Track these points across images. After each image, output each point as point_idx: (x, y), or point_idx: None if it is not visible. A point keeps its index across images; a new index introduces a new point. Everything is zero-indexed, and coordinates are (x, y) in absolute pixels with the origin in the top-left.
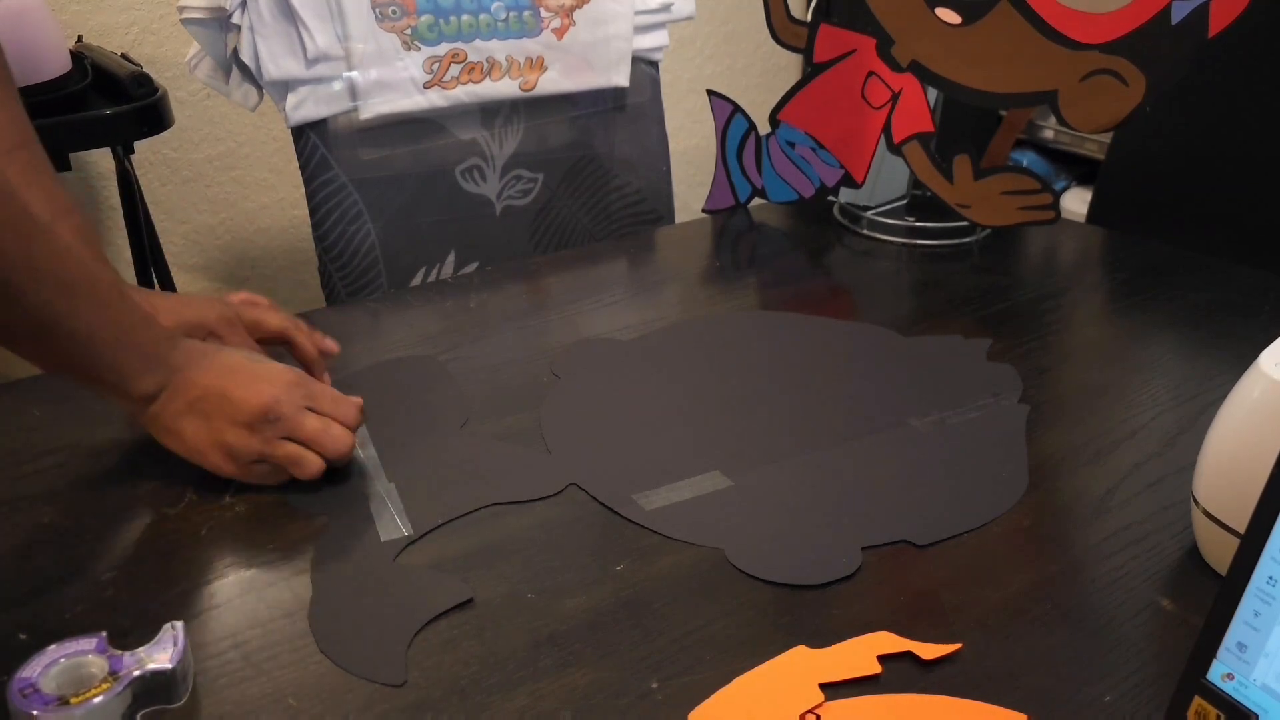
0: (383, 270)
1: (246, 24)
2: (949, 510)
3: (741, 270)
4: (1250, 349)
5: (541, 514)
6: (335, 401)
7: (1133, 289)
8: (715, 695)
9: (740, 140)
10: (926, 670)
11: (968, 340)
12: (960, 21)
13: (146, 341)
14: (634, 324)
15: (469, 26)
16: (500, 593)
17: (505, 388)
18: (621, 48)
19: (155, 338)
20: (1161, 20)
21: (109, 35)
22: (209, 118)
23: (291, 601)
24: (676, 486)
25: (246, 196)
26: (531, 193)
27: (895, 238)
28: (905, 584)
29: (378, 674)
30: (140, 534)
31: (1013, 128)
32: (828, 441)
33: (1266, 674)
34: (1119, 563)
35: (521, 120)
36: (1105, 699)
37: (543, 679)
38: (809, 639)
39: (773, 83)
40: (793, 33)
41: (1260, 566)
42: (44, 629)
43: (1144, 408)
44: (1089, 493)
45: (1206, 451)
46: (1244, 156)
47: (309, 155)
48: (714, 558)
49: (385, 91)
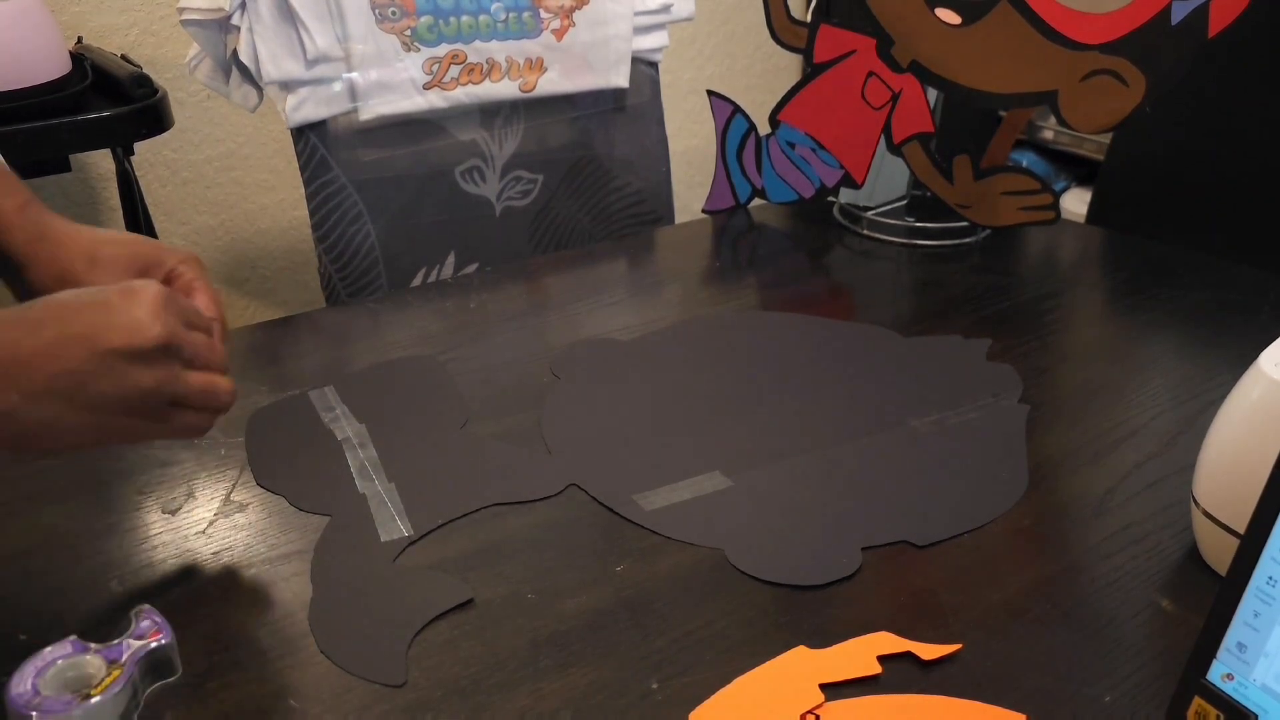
0: (383, 271)
1: (246, 25)
2: (949, 510)
3: (741, 270)
4: (1250, 349)
5: (541, 514)
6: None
7: (1133, 289)
8: (715, 695)
9: (740, 140)
10: (926, 670)
11: (968, 340)
12: (960, 22)
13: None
14: (634, 324)
15: (469, 27)
16: (500, 593)
17: (505, 388)
18: (621, 48)
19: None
20: (1161, 20)
21: (109, 36)
22: (209, 119)
23: (291, 601)
24: (676, 486)
25: (246, 197)
26: (531, 193)
27: (895, 238)
28: (905, 584)
29: (378, 674)
30: (140, 534)
31: (1013, 128)
32: (828, 441)
33: (1266, 674)
34: (1119, 563)
35: (521, 121)
36: (1105, 699)
37: (543, 679)
38: (809, 639)
39: (773, 83)
40: (793, 33)
41: (1260, 566)
42: (44, 629)
43: (1144, 408)
44: (1089, 493)
45: (1206, 451)
46: (1244, 156)
47: (309, 156)
48: (714, 558)
49: (385, 92)
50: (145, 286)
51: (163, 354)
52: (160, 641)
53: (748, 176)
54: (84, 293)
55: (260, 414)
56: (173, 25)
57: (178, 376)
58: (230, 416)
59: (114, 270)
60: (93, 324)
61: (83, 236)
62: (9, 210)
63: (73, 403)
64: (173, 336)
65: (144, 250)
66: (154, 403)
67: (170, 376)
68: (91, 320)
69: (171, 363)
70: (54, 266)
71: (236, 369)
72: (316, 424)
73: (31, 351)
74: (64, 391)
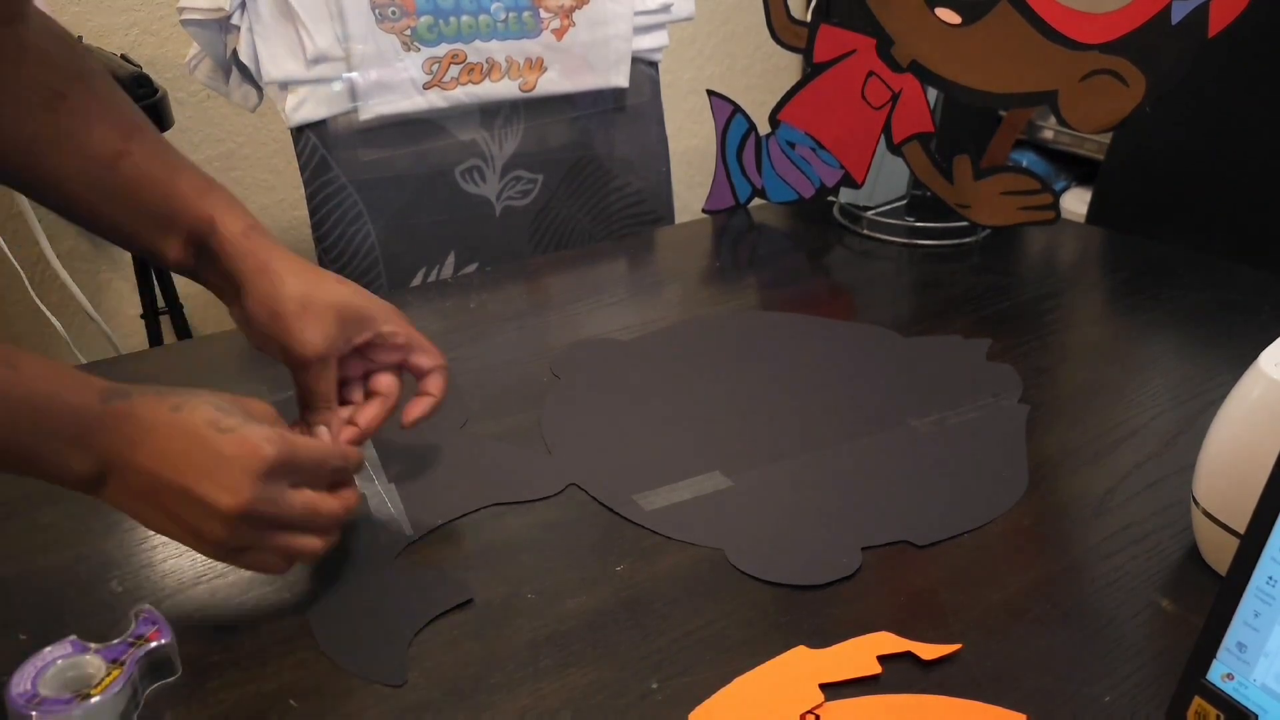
0: (383, 271)
1: (246, 25)
2: (949, 510)
3: (741, 270)
4: (1250, 349)
5: (541, 514)
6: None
7: (1133, 289)
8: (715, 695)
9: (740, 140)
10: (926, 670)
11: (968, 340)
12: (960, 21)
13: (61, 423)
14: (634, 324)
15: (469, 27)
16: (500, 593)
17: (505, 388)
18: (621, 48)
19: (71, 413)
20: (1161, 20)
21: (109, 36)
22: (209, 118)
23: (291, 601)
24: (676, 486)
25: (246, 197)
26: (531, 193)
27: (895, 238)
28: (905, 584)
29: (378, 674)
30: (141, 534)
31: (1013, 128)
32: (828, 441)
33: (1266, 674)
34: (1119, 563)
35: (521, 121)
36: (1105, 699)
37: (543, 679)
38: (809, 639)
39: (773, 83)
40: (793, 33)
41: (1260, 566)
42: (44, 629)
43: (1144, 408)
44: (1089, 493)
45: (1206, 451)
46: (1244, 156)
47: (309, 156)
48: (714, 558)
49: (385, 92)
50: (265, 445)
51: (240, 520)
52: (160, 641)
53: (748, 176)
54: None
55: None
56: (173, 25)
57: (255, 535)
58: None
59: (323, 320)
60: (195, 465)
61: (300, 279)
62: (236, 234)
63: (154, 509)
64: (253, 508)
65: (352, 304)
66: (221, 550)
67: (242, 534)
68: (197, 461)
69: (246, 527)
70: (270, 303)
71: (236, 369)
72: None
73: (134, 463)
74: (149, 499)
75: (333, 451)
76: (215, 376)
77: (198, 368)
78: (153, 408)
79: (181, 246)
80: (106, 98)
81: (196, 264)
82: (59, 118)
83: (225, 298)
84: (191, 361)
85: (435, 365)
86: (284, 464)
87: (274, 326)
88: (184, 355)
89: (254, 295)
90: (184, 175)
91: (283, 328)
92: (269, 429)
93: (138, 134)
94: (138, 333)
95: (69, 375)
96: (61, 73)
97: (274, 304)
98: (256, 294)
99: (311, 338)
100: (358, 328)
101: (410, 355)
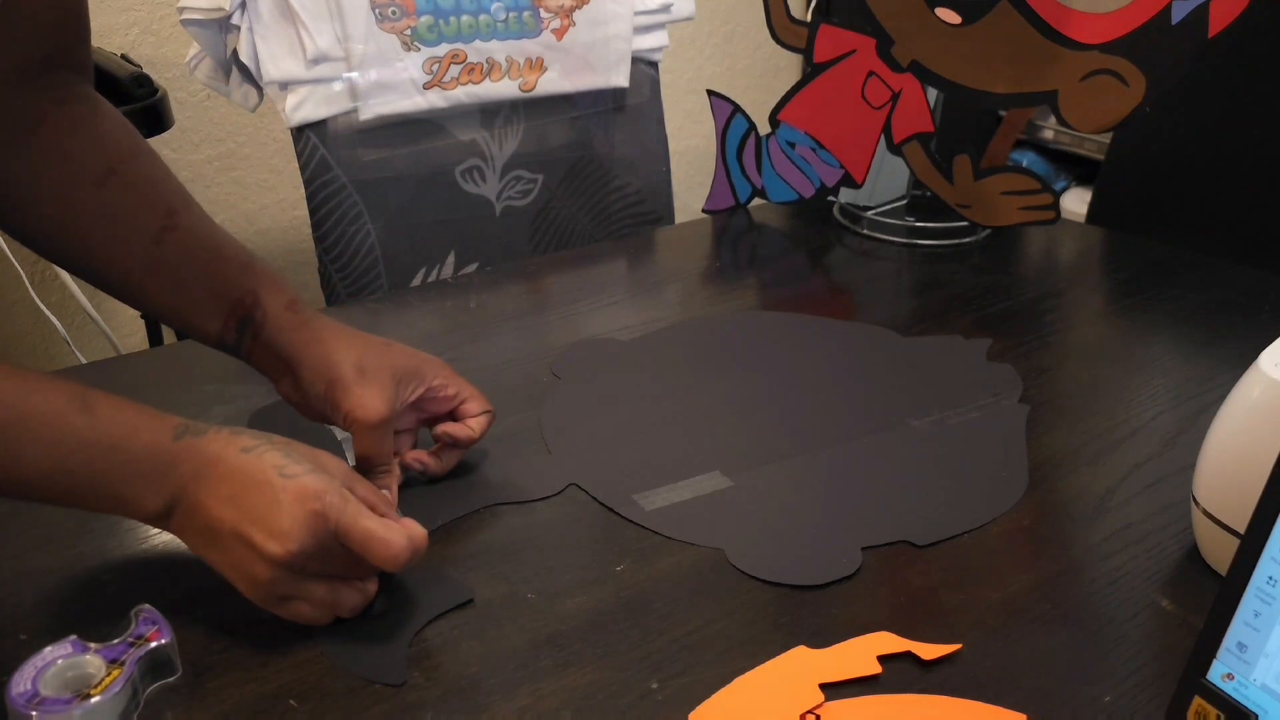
0: (383, 271)
1: (246, 25)
2: (949, 510)
3: (741, 270)
4: (1250, 349)
5: (541, 514)
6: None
7: (1133, 289)
8: (715, 695)
9: (740, 140)
10: (926, 670)
11: (968, 340)
12: (960, 21)
13: (137, 464)
14: (634, 324)
15: (469, 27)
16: (500, 593)
17: (505, 388)
18: (621, 48)
19: (146, 452)
20: (1161, 20)
21: (109, 36)
22: (209, 118)
23: None
24: (676, 486)
25: (246, 197)
26: (531, 193)
27: (895, 238)
28: (905, 584)
29: (378, 674)
30: (141, 534)
31: (1013, 128)
32: (828, 441)
33: (1266, 674)
34: (1119, 563)
35: (521, 121)
36: (1105, 699)
37: (543, 679)
38: (809, 639)
39: (773, 83)
40: (793, 33)
41: (1260, 566)
42: (44, 629)
43: (1144, 408)
44: (1089, 493)
45: (1206, 451)
46: (1244, 156)
47: (309, 156)
48: (714, 558)
49: (385, 92)
50: (321, 494)
51: (284, 566)
52: (160, 641)
53: (748, 176)
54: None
55: (260, 414)
56: (173, 25)
57: (296, 582)
58: (230, 416)
59: (380, 381)
60: (251, 507)
61: (352, 346)
62: (279, 309)
63: (212, 547)
64: (298, 557)
65: (406, 365)
66: (268, 595)
67: (285, 581)
68: (254, 503)
69: (290, 574)
70: (327, 371)
71: (235, 370)
72: (316, 423)
73: (197, 500)
74: (207, 536)
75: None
76: (215, 377)
77: (198, 368)
78: (224, 446)
79: (223, 322)
80: (153, 174)
81: (238, 339)
82: (107, 193)
83: (272, 373)
84: (191, 362)
85: (482, 410)
86: (333, 513)
87: (332, 395)
88: (184, 355)
89: (309, 367)
90: (226, 251)
91: (342, 395)
92: (330, 479)
93: (183, 210)
94: (138, 333)
95: (143, 415)
96: (115, 152)
97: (331, 373)
98: (311, 366)
99: (373, 403)
100: (411, 385)
101: (461, 405)
